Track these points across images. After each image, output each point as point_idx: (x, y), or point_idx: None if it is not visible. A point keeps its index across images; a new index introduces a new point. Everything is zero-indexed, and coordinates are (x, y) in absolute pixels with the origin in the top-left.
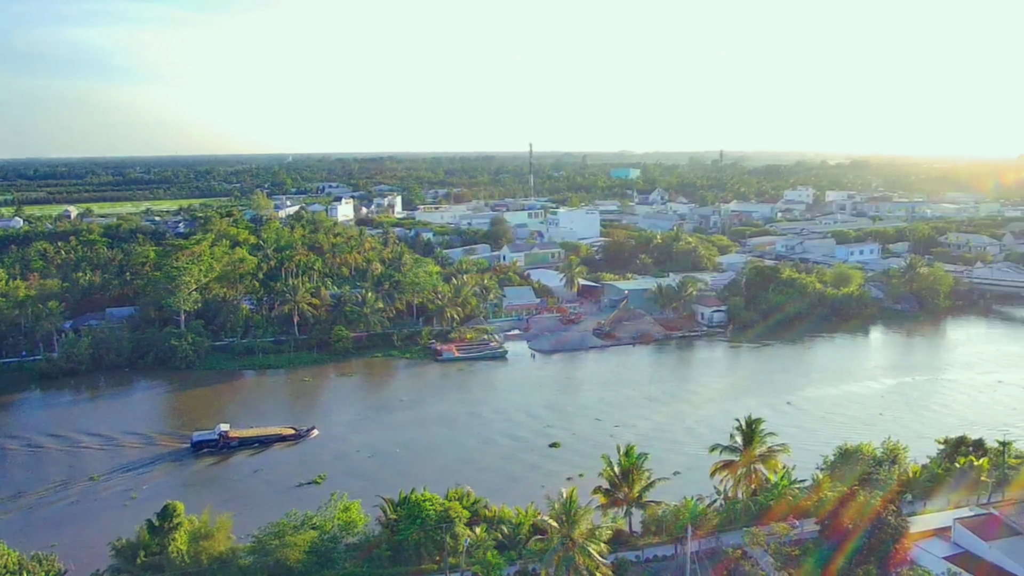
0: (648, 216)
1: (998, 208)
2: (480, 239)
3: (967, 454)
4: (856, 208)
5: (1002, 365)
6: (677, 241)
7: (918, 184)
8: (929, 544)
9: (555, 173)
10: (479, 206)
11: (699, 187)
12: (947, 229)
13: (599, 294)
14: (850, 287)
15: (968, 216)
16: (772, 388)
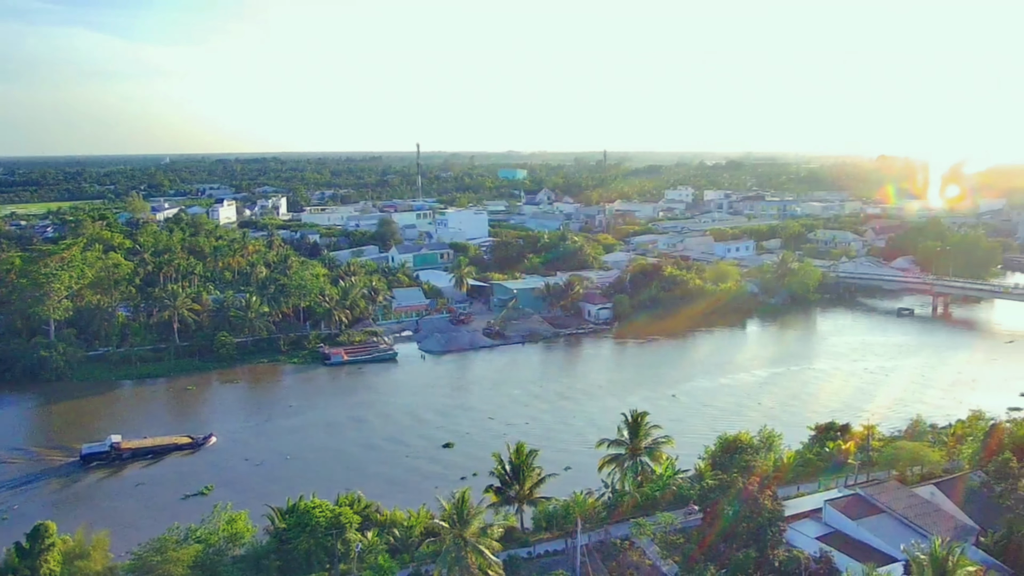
0: (535, 216)
1: (860, 206)
2: (368, 240)
3: (836, 439)
4: (732, 207)
5: (867, 353)
6: (564, 240)
7: (788, 184)
8: (802, 525)
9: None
10: (366, 207)
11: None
12: (815, 226)
13: (488, 294)
14: (728, 283)
15: (834, 214)
16: (657, 382)
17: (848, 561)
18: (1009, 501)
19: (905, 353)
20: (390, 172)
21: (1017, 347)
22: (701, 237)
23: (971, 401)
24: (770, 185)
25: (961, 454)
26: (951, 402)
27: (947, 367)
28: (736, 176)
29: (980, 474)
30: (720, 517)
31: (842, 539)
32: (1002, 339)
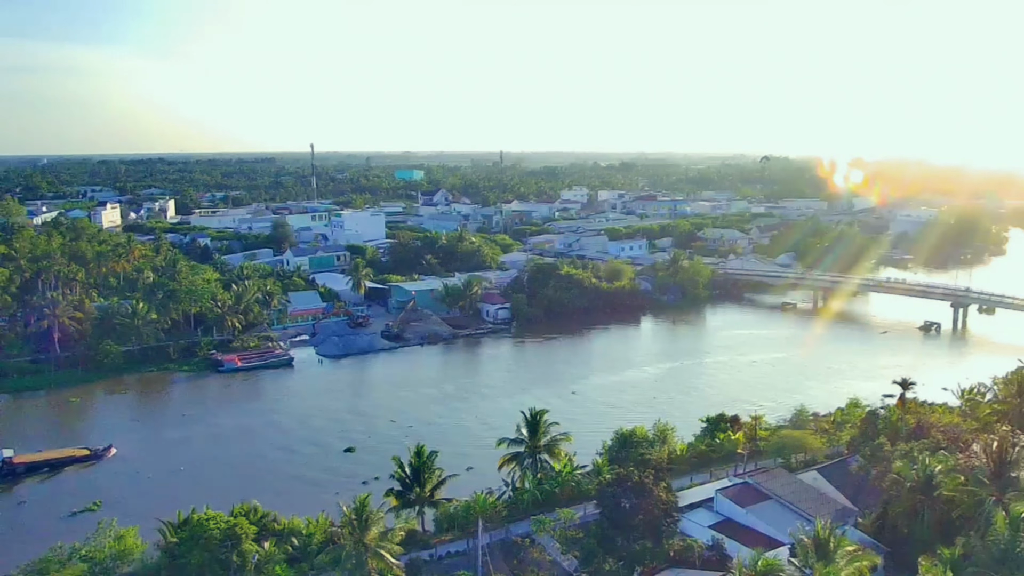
0: (433, 217)
1: (746, 205)
2: (262, 244)
3: (725, 430)
4: (626, 207)
5: (755, 346)
6: (462, 241)
7: (679, 184)
8: (696, 515)
9: (339, 175)
10: (259, 209)
11: (481, 188)
12: (704, 225)
13: (386, 296)
14: (622, 281)
15: (721, 213)
16: (557, 379)
17: (739, 547)
18: (884, 483)
19: (789, 345)
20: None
21: (891, 337)
22: (596, 236)
23: (849, 389)
24: (661, 185)
25: (840, 440)
26: (831, 391)
27: (827, 358)
28: (629, 177)
29: (857, 458)
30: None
31: (733, 526)
32: (877, 330)
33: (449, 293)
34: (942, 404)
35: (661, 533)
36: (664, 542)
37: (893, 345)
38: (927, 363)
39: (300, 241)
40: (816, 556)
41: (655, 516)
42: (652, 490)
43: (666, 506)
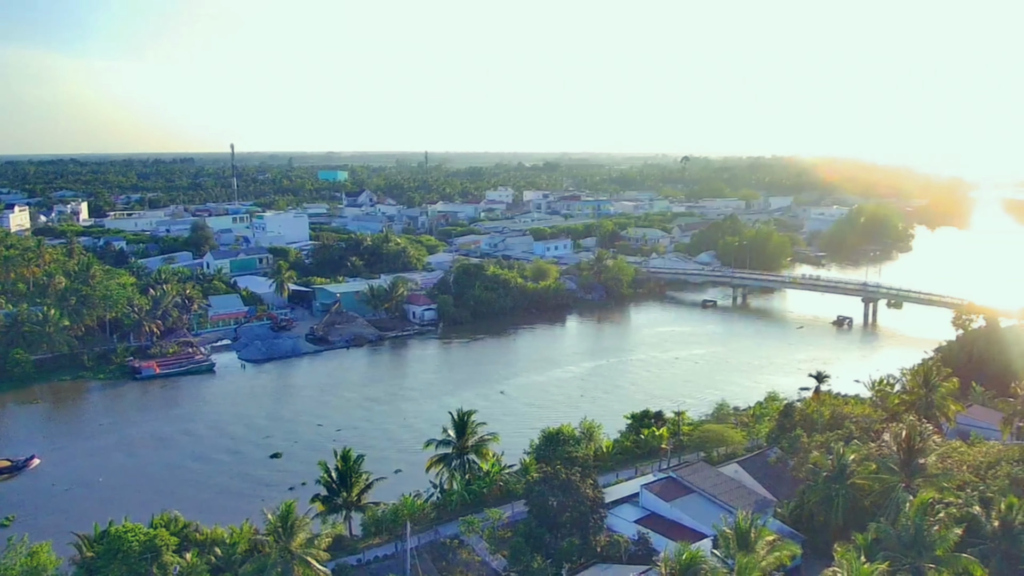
0: (357, 218)
1: (668, 205)
2: (180, 247)
3: (650, 426)
4: (550, 207)
5: (677, 343)
6: (387, 242)
7: (602, 184)
8: (622, 510)
9: (260, 176)
10: (178, 211)
11: (406, 189)
12: (627, 224)
13: (311, 298)
14: (547, 280)
15: (644, 212)
16: (485, 379)
17: (664, 541)
18: (800, 473)
19: (711, 342)
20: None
21: (806, 332)
22: (521, 237)
23: (768, 384)
24: (585, 185)
25: (759, 433)
26: (751, 385)
27: (747, 353)
28: (553, 177)
29: (776, 450)
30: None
31: (658, 520)
32: (793, 325)
33: (374, 295)
34: (855, 395)
35: (588, 529)
36: (591, 538)
37: (809, 340)
38: (841, 356)
39: (221, 244)
40: (738, 546)
41: (582, 513)
42: (579, 487)
43: (593, 503)
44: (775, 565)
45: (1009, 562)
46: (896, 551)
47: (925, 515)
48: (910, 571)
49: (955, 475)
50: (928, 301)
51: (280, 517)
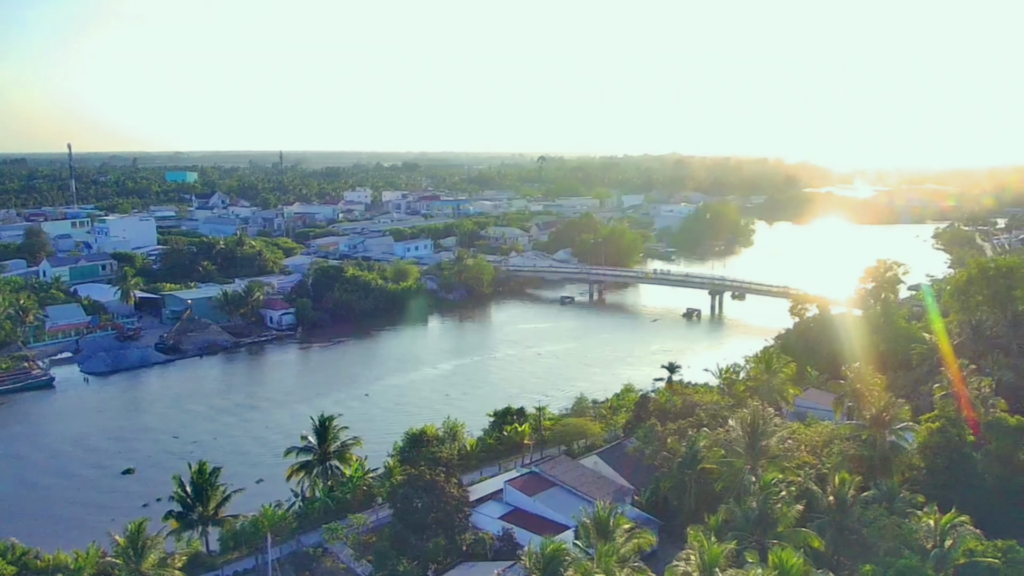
0: (209, 221)
1: (526, 204)
2: (12, 254)
3: (512, 422)
4: (410, 207)
5: (539, 339)
6: (241, 246)
7: (461, 184)
8: (486, 507)
9: (101, 177)
10: (9, 216)
11: (261, 190)
12: (487, 224)
13: (160, 306)
14: (408, 281)
15: (503, 212)
16: (349, 383)
17: (528, 535)
18: (656, 461)
19: (570, 337)
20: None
21: (660, 325)
22: (381, 237)
23: (625, 375)
24: (444, 185)
25: (617, 424)
26: (609, 378)
27: (605, 347)
28: (412, 177)
29: (633, 440)
30: (411, 512)
31: (522, 515)
32: (648, 318)
33: (229, 300)
34: (704, 384)
35: (454, 529)
36: (457, 537)
37: (662, 332)
38: (691, 347)
39: (58, 250)
40: (598, 536)
41: (447, 513)
42: (444, 487)
43: (458, 502)
44: (633, 551)
45: (842, 532)
46: (743, 530)
47: (769, 494)
48: (756, 548)
49: (794, 455)
50: (768, 292)
51: (129, 537)
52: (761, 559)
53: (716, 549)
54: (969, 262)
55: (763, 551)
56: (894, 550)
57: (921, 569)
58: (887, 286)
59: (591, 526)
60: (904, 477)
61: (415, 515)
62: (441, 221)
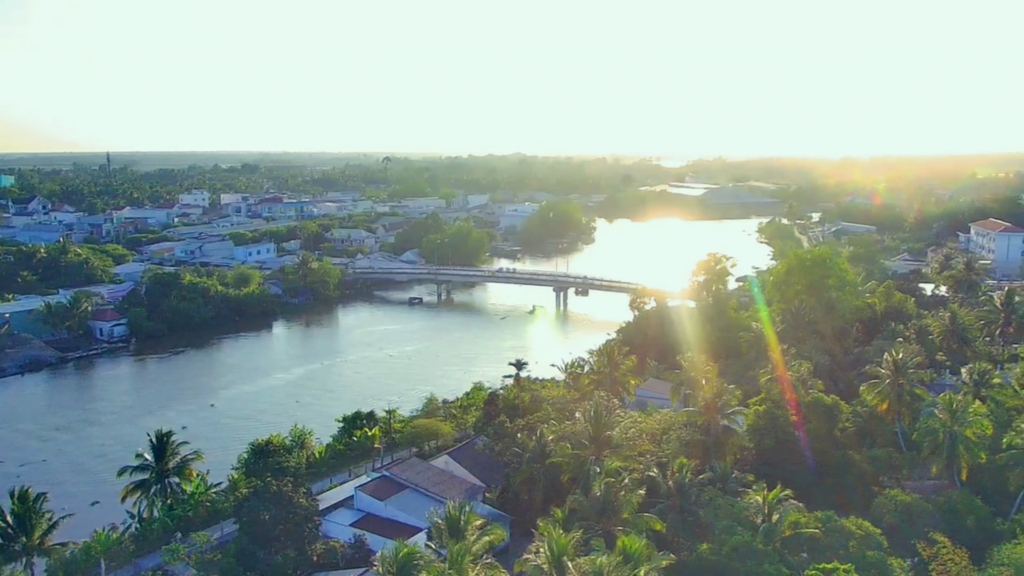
0: (29, 228)
1: (371, 205)
2: None
3: (362, 426)
4: (251, 210)
5: (389, 341)
6: (65, 254)
7: (304, 186)
8: (337, 516)
9: None
10: None
11: (87, 194)
12: (331, 226)
13: None
14: (251, 286)
15: (348, 213)
16: (191, 394)
17: (381, 540)
18: (505, 457)
19: (421, 338)
20: None
21: (508, 322)
22: (221, 242)
23: (476, 374)
24: (287, 187)
25: (468, 423)
26: (460, 377)
27: (455, 346)
28: (253, 179)
29: (483, 438)
30: (257, 525)
31: (374, 521)
32: (496, 316)
33: (53, 313)
34: (551, 379)
35: (304, 540)
36: (307, 548)
37: (510, 329)
38: (539, 343)
39: None
40: (450, 535)
41: (296, 524)
42: (291, 497)
43: (307, 512)
44: (485, 548)
45: (682, 515)
46: (590, 519)
47: (612, 483)
48: (603, 535)
49: (636, 444)
50: (609, 287)
51: None
52: (607, 546)
53: (564, 539)
54: (788, 254)
55: (609, 538)
56: (728, 528)
57: (752, 544)
58: (717, 279)
59: (443, 526)
60: (736, 458)
61: (262, 528)
62: (284, 224)
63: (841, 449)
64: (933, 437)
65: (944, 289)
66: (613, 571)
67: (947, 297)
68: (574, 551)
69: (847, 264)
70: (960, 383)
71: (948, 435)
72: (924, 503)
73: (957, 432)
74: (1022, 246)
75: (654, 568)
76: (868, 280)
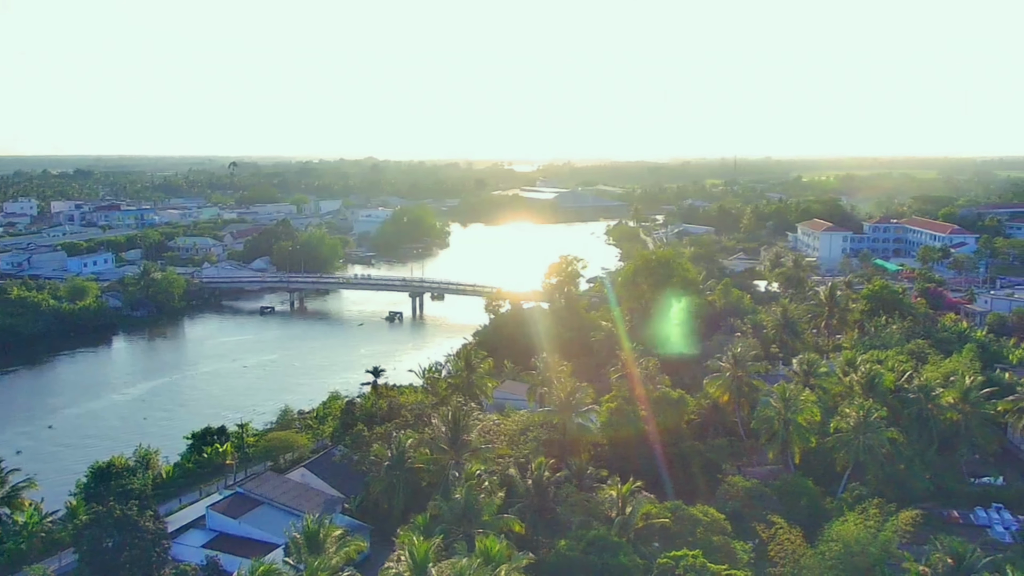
0: None
1: (218, 211)
2: None
3: (213, 442)
4: (86, 218)
5: (243, 352)
6: None
7: (145, 192)
8: (188, 537)
9: None
10: None
11: None
12: (175, 234)
13: None
14: (87, 299)
15: (193, 220)
16: (27, 416)
17: (236, 560)
18: (364, 467)
19: (275, 347)
20: None
21: (365, 329)
22: (52, 253)
23: (333, 383)
24: (125, 194)
25: (324, 433)
26: (317, 386)
27: (312, 355)
28: (87, 185)
29: (341, 448)
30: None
31: (227, 540)
32: (353, 323)
33: None
34: (409, 385)
35: (151, 565)
36: (155, 574)
37: (367, 336)
38: (396, 349)
39: None
40: (308, 550)
41: (143, 549)
42: (137, 522)
43: (154, 535)
44: (345, 560)
45: (540, 513)
46: (451, 523)
47: (472, 486)
48: (464, 538)
49: (495, 446)
50: (465, 291)
51: None
52: (469, 549)
53: (425, 546)
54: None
55: (471, 541)
56: (584, 523)
57: (607, 537)
58: (569, 280)
59: (301, 541)
60: (591, 455)
61: (105, 556)
62: (123, 233)
63: (687, 440)
64: (769, 425)
65: (776, 285)
66: (474, 574)
67: (779, 293)
68: (436, 557)
69: (689, 264)
70: (792, 373)
71: (782, 422)
72: (763, 487)
73: (790, 419)
74: (843, 244)
75: (514, 568)
76: (708, 279)
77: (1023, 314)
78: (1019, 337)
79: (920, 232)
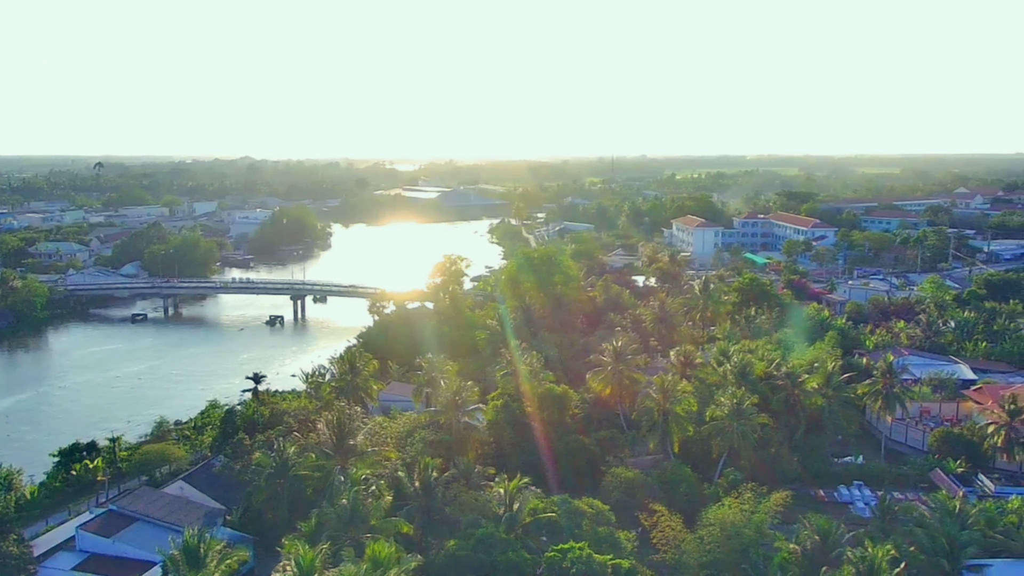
0: None
1: (83, 215)
2: None
3: (82, 459)
4: None
5: (115, 362)
6: None
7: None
8: (56, 560)
9: None
10: None
11: None
12: (36, 239)
13: None
14: None
15: (56, 224)
16: None
17: None
18: (246, 476)
19: (150, 356)
20: None
21: (245, 335)
22: None
23: (213, 391)
24: None
25: (203, 444)
26: (196, 395)
27: (189, 362)
28: None
29: (221, 458)
30: None
31: (100, 561)
32: (233, 328)
33: None
34: (292, 390)
35: None
36: None
37: (248, 341)
38: (278, 354)
39: None
40: (187, 566)
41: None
42: None
43: (18, 560)
44: (227, 574)
45: (429, 514)
46: (338, 530)
47: (359, 491)
48: (352, 545)
49: (382, 449)
50: (347, 293)
51: None
52: (358, 554)
53: (310, 554)
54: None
55: (359, 547)
56: (473, 522)
57: (496, 534)
58: (453, 279)
59: (180, 557)
60: (478, 453)
61: None
62: None
63: (572, 435)
64: (650, 416)
65: (653, 280)
66: None
67: (656, 287)
68: (322, 565)
69: (571, 261)
70: (670, 365)
71: (662, 413)
72: (644, 477)
73: (669, 410)
74: (715, 239)
75: (403, 571)
76: (589, 275)
77: (878, 302)
78: (874, 324)
79: (785, 227)
